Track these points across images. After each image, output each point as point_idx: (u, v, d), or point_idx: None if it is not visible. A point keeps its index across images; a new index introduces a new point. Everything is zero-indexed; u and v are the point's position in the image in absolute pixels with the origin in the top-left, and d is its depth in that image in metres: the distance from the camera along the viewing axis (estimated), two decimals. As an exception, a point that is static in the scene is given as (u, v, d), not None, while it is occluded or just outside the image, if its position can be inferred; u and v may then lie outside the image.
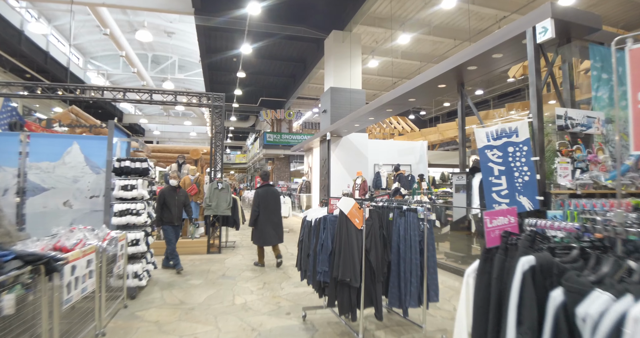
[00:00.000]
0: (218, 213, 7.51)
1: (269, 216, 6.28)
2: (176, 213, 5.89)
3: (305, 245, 3.67)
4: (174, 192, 5.96)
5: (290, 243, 9.03)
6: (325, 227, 3.18)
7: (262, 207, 6.21)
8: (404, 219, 3.23)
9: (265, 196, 6.26)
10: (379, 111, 9.29)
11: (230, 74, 21.48)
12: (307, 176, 18.52)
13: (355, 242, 2.92)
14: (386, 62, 19.43)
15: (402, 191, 9.48)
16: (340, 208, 3.00)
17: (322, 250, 3.12)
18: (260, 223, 6.26)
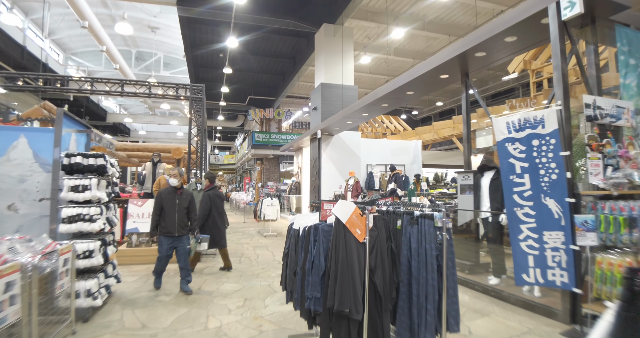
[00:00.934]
0: (197, 217, 6.73)
1: (222, 217, 6.24)
2: (177, 220, 4.85)
3: (291, 259, 2.95)
4: (174, 194, 4.96)
5: (278, 248, 8.29)
6: (317, 239, 2.46)
7: (214, 210, 6.04)
8: (417, 228, 2.54)
9: (215, 198, 6.09)
10: (373, 106, 8.62)
11: (217, 70, 20.68)
12: (297, 177, 17.78)
13: (356, 259, 2.22)
14: (379, 59, 18.82)
15: (399, 192, 8.81)
16: (336, 215, 2.30)
17: (312, 270, 2.40)
18: (217, 225, 6.06)
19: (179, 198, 4.97)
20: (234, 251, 7.95)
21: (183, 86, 6.94)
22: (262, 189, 23.50)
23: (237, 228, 12.42)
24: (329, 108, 13.04)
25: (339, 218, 2.27)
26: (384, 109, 8.83)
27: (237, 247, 8.49)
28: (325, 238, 2.42)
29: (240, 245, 8.86)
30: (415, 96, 7.80)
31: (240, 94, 25.17)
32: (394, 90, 7.27)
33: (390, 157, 14.81)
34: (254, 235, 10.75)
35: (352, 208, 2.32)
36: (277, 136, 24.51)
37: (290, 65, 19.79)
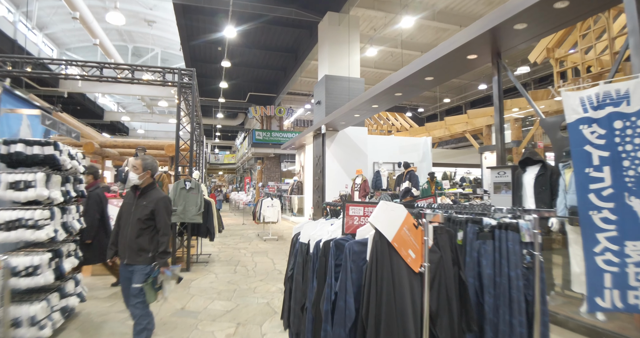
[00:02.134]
0: (185, 220, 5.85)
1: (105, 226, 4.79)
2: (127, 238, 2.99)
3: (297, 286, 2.06)
4: (132, 197, 3.11)
5: (279, 254, 7.40)
6: (342, 264, 1.55)
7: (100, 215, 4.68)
8: (492, 245, 1.65)
9: (103, 200, 4.88)
10: (385, 96, 7.72)
11: (215, 65, 19.79)
12: (299, 176, 16.89)
13: (410, 301, 1.35)
14: (385, 52, 17.92)
15: (414, 192, 7.92)
16: (376, 227, 1.41)
17: (334, 315, 1.50)
18: (99, 236, 4.61)
19: (137, 203, 3.02)
20: (230, 258, 7.06)
21: (170, 70, 6.04)
22: (262, 189, 22.65)
23: (235, 231, 11.53)
24: (333, 102, 12.15)
25: (380, 232, 1.38)
26: (396, 99, 7.93)
27: (234, 253, 7.60)
28: (355, 264, 1.49)
29: (237, 250, 7.97)
30: (434, 83, 6.90)
31: (240, 91, 24.29)
32: (410, 75, 6.38)
33: (398, 155, 13.94)
34: (252, 238, 9.86)
35: (402, 215, 1.44)
36: (278, 134, 23.65)
37: (292, 59, 18.89)
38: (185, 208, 5.87)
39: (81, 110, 30.19)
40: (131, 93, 24.06)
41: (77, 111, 29.96)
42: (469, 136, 13.14)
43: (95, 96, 29.78)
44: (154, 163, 3.17)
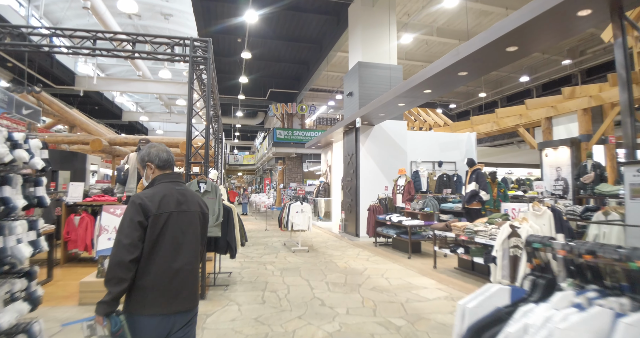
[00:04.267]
0: (199, 232, 4.51)
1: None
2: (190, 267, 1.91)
3: None
4: None
5: (314, 273, 5.99)
6: None
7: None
8: None
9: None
10: (447, 77, 6.23)
11: (234, 58, 18.58)
12: (325, 177, 15.48)
13: None
14: (418, 41, 16.36)
15: (483, 197, 6.40)
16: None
17: None
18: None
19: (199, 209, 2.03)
20: (255, 278, 5.69)
21: (180, 40, 4.71)
22: (284, 190, 21.34)
23: (258, 239, 10.20)
24: (367, 93, 10.70)
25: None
26: (460, 80, 6.40)
27: (259, 270, 6.23)
28: None
29: (262, 265, 6.60)
30: (518, 54, 5.36)
31: (260, 88, 23.09)
32: (491, 43, 4.88)
33: (438, 153, 12.39)
34: (279, 249, 8.50)
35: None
36: (300, 133, 22.38)
37: (316, 51, 17.52)
38: (199, 218, 4.52)
39: (99, 110, 29.63)
40: (148, 91, 23.18)
41: (94, 110, 29.39)
42: (522, 131, 11.46)
43: (113, 95, 29.13)
44: (151, 151, 1.99)
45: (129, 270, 1.67)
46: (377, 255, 7.71)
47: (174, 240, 1.82)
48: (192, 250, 1.90)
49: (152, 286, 1.73)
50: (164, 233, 1.79)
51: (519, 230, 4.68)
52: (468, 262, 6.00)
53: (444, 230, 6.04)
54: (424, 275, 5.93)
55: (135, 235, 1.71)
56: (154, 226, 1.76)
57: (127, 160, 5.21)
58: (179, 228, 1.85)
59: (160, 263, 1.76)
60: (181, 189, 1.95)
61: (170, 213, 1.82)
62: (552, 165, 10.13)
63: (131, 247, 1.68)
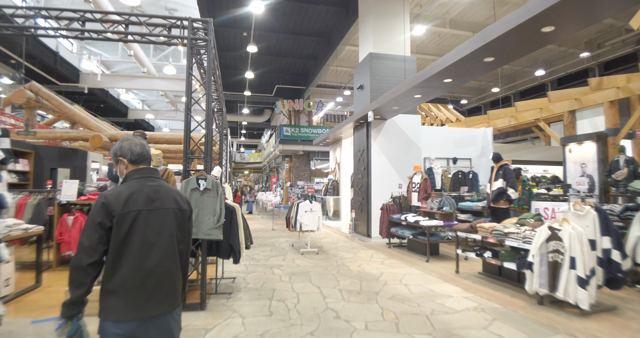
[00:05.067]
0: (199, 235, 4.03)
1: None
2: (163, 265, 1.75)
3: None
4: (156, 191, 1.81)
5: (326, 279, 5.48)
6: None
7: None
8: None
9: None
10: (471, 63, 5.67)
11: (240, 53, 18.10)
12: (334, 175, 14.96)
13: None
14: (430, 34, 15.74)
15: (511, 195, 5.83)
16: None
17: None
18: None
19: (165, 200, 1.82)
20: (261, 284, 5.19)
21: (178, 21, 4.21)
22: (291, 189, 20.86)
23: (265, 239, 9.71)
24: (379, 85, 10.15)
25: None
26: (485, 67, 5.83)
27: (265, 275, 5.73)
28: None
29: (269, 269, 6.11)
30: (555, 34, 4.78)
31: (266, 84, 22.63)
32: (526, 21, 4.31)
33: (452, 149, 11.83)
34: (287, 250, 8.01)
35: None
36: (307, 130, 21.87)
37: (324, 44, 16.98)
38: (199, 218, 4.04)
39: (105, 108, 29.39)
40: (153, 88, 22.87)
41: (100, 108, 29.14)
42: (544, 126, 10.83)
43: (118, 92, 28.84)
44: (123, 145, 1.86)
45: (87, 273, 1.59)
46: (392, 257, 7.18)
47: (145, 240, 1.70)
48: (167, 250, 1.75)
49: (121, 289, 1.63)
50: (132, 233, 1.67)
51: (560, 233, 4.13)
52: (494, 267, 5.45)
53: (468, 231, 5.49)
54: (446, 281, 5.39)
55: (95, 237, 1.61)
56: (120, 226, 1.65)
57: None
58: (150, 227, 1.72)
59: (129, 265, 1.65)
60: (154, 185, 1.81)
61: (138, 212, 1.70)
62: (576, 161, 9.52)
63: (90, 250, 1.59)
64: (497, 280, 5.39)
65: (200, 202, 4.07)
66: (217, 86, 6.64)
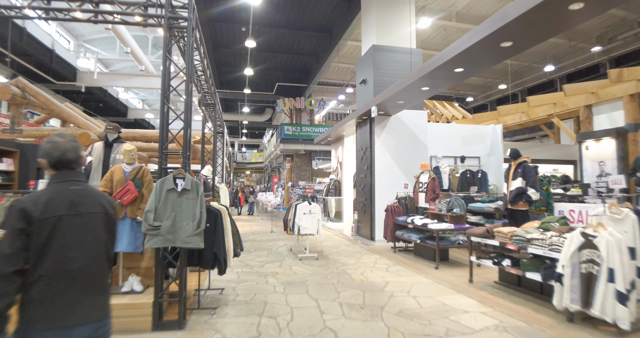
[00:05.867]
0: (176, 243, 3.47)
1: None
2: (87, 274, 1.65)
3: None
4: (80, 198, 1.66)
5: (325, 289, 4.92)
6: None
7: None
8: None
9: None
10: (487, 48, 5.09)
11: (239, 48, 17.55)
12: (335, 175, 14.40)
13: None
14: (435, 27, 15.16)
15: (532, 196, 5.24)
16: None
17: None
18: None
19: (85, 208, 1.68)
20: (252, 295, 4.63)
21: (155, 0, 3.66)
22: (292, 189, 20.32)
23: (262, 242, 9.17)
24: (383, 79, 9.59)
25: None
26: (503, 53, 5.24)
27: (258, 284, 5.18)
28: None
29: (262, 278, 5.55)
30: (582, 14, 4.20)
31: (266, 82, 22.08)
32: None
33: (460, 147, 11.22)
34: (284, 255, 7.45)
35: None
36: (309, 129, 21.32)
37: (326, 40, 16.42)
38: (176, 224, 3.49)
39: (104, 107, 28.95)
40: (151, 86, 22.38)
41: (99, 108, 28.71)
42: (557, 121, 10.21)
43: (117, 91, 28.39)
44: (45, 146, 1.72)
45: (11, 282, 1.48)
46: (398, 263, 6.61)
47: (67, 247, 1.60)
48: (93, 256, 1.68)
49: (42, 298, 1.54)
50: (52, 239, 1.57)
51: (595, 240, 3.55)
52: (512, 275, 4.87)
53: (484, 236, 4.91)
54: (459, 292, 4.82)
55: (17, 244, 1.50)
56: (40, 232, 1.55)
57: (92, 151, 4.21)
58: (73, 233, 1.63)
59: (50, 273, 1.56)
60: (78, 189, 1.71)
61: (59, 217, 1.60)
62: (593, 159, 8.92)
63: (13, 257, 1.49)
64: (516, 291, 4.81)
65: (177, 205, 3.52)
66: (207, 78, 6.09)
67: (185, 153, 3.77)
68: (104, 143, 4.26)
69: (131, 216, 3.85)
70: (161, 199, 3.51)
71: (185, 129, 3.83)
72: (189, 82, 3.86)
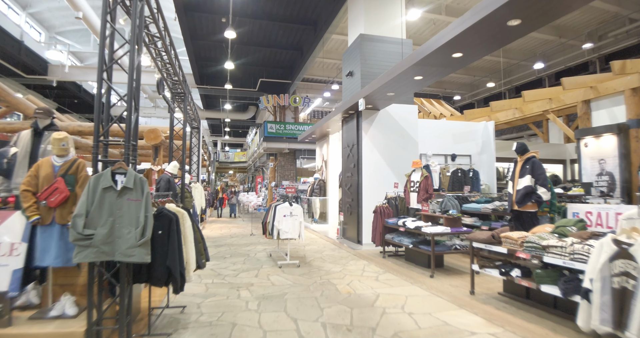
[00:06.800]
0: (115, 256, 2.71)
1: None
2: None
3: None
4: None
5: (306, 305, 4.22)
6: None
7: None
8: None
9: None
10: (491, 28, 4.46)
11: (219, 42, 16.70)
12: (320, 174, 13.71)
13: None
14: (425, 22, 14.62)
15: (542, 195, 4.62)
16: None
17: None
18: None
19: None
20: (219, 316, 3.89)
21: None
22: (275, 189, 19.55)
23: (239, 247, 8.41)
24: (371, 71, 8.94)
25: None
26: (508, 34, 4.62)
27: (229, 300, 4.43)
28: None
29: (234, 291, 4.81)
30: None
31: (249, 78, 21.26)
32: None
33: (451, 144, 10.69)
34: (263, 262, 6.71)
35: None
36: (293, 127, 20.58)
37: (311, 33, 15.71)
38: (114, 232, 2.73)
39: (78, 103, 27.61)
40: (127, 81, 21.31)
41: (74, 104, 27.37)
42: (554, 118, 9.72)
43: (93, 87, 27.10)
44: None
45: None
46: (388, 270, 5.95)
47: None
48: None
49: None
50: None
51: (632, 249, 2.93)
52: (519, 286, 4.25)
53: (489, 242, 4.28)
54: (461, 306, 4.17)
55: None
56: None
57: (17, 140, 3.40)
58: None
59: None
60: None
61: None
62: (593, 157, 8.45)
63: None
64: (526, 305, 4.19)
65: (116, 207, 2.76)
66: (172, 59, 5.31)
67: (129, 142, 3.00)
68: (33, 130, 3.45)
69: (61, 221, 3.07)
70: (95, 200, 2.74)
71: (129, 109, 3.07)
72: (135, 44, 3.11)
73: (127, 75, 3.15)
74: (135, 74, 3.17)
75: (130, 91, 3.10)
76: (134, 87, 3.13)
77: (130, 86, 3.12)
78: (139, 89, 3.18)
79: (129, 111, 3.06)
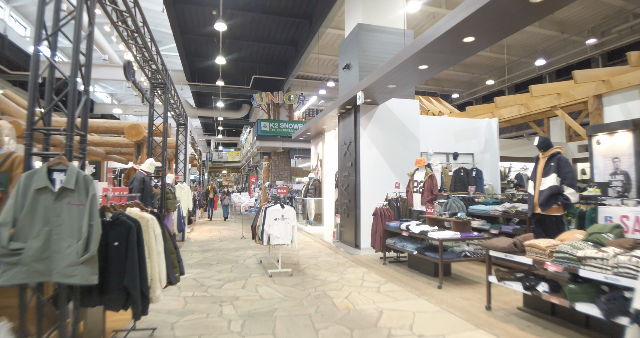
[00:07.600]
0: (52, 276, 2.10)
1: None
2: None
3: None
4: None
5: (299, 324, 3.63)
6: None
7: None
8: None
9: None
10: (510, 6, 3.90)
11: (210, 38, 16.07)
12: (315, 173, 13.12)
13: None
14: (426, 15, 14.09)
15: (570, 197, 4.05)
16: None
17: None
18: None
19: None
20: (198, 336, 3.29)
21: None
22: (269, 189, 18.93)
23: (228, 252, 7.79)
24: (370, 63, 8.36)
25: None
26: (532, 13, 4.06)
27: (209, 318, 3.82)
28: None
29: (217, 307, 4.20)
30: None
31: (242, 75, 20.62)
32: None
33: (452, 142, 10.15)
34: (252, 269, 6.11)
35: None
36: (287, 126, 19.95)
37: (305, 27, 15.12)
38: (51, 245, 2.12)
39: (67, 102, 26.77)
40: (116, 78, 20.60)
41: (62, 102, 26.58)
42: (561, 113, 9.19)
43: (81, 84, 26.30)
44: None
45: None
46: (391, 279, 5.38)
47: None
48: None
49: None
50: None
51: (701, 265, 2.37)
52: (542, 300, 3.69)
53: (511, 251, 3.70)
54: (478, 326, 3.60)
55: None
56: None
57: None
58: None
59: None
60: None
61: None
62: (606, 155, 7.91)
63: None
64: (553, 324, 3.63)
65: (53, 214, 2.15)
66: (145, 40, 4.69)
67: (72, 131, 2.39)
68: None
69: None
70: (26, 204, 2.13)
71: (71, 85, 2.46)
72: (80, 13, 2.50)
73: (72, 54, 2.54)
74: (86, 41, 2.57)
75: (75, 62, 2.49)
76: (81, 57, 2.51)
77: (75, 55, 2.51)
78: (90, 60, 2.58)
79: (71, 90, 2.45)
